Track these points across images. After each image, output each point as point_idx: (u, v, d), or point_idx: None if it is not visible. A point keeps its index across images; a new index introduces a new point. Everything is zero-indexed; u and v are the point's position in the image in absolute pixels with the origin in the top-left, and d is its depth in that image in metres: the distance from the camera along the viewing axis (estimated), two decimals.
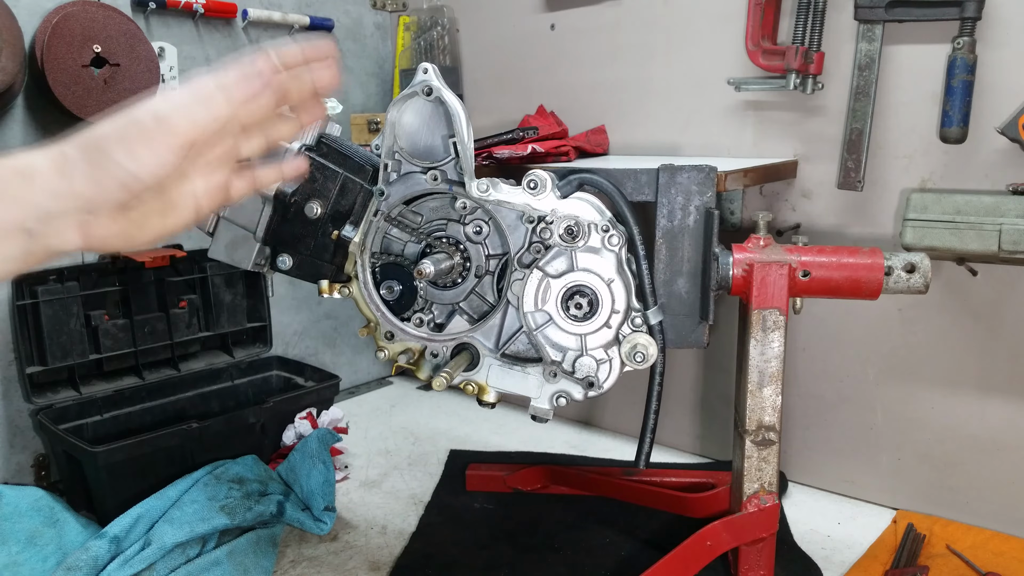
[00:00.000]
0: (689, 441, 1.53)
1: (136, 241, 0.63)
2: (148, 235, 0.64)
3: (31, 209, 0.57)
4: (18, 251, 0.58)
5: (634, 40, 1.49)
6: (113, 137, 0.59)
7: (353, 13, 1.81)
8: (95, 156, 0.59)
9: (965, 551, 1.15)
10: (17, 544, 1.11)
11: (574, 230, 0.95)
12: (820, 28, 1.24)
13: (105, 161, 0.59)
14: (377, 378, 1.98)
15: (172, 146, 0.60)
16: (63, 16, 1.25)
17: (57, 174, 0.58)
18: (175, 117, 0.60)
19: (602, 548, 1.19)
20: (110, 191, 0.59)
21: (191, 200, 0.66)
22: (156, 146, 0.59)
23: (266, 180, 0.73)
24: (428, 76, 0.94)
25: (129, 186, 0.59)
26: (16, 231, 0.57)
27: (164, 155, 0.59)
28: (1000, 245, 1.08)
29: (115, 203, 0.60)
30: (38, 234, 0.58)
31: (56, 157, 0.59)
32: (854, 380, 1.32)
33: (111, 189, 0.59)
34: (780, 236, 1.34)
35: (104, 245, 0.61)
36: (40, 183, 0.58)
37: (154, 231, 0.64)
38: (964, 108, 1.12)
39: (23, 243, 0.58)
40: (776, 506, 1.02)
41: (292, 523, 1.23)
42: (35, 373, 1.32)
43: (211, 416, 1.35)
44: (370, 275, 1.02)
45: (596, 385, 0.98)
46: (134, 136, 0.59)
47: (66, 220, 0.58)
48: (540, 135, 1.31)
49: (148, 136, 0.59)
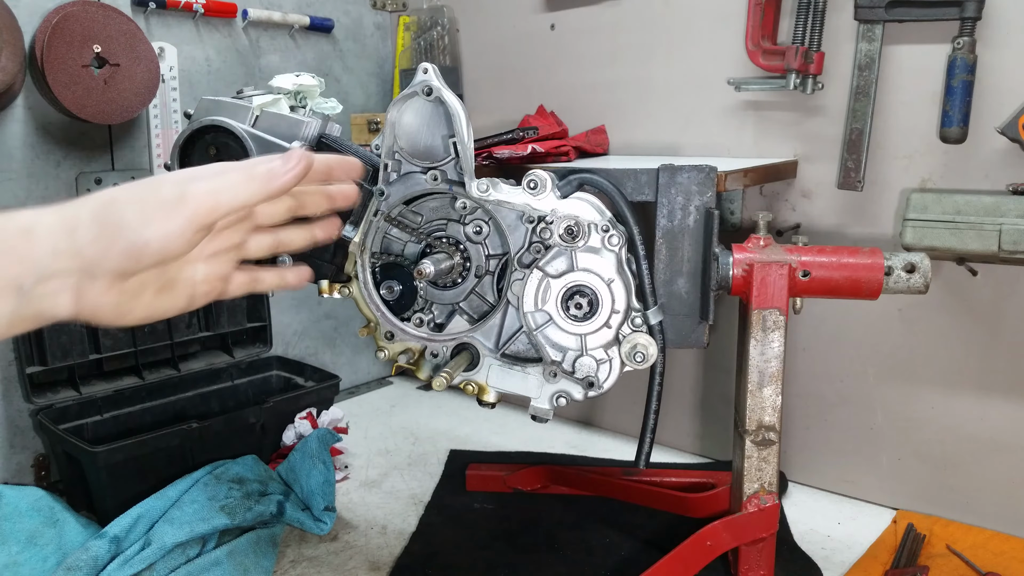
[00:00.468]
0: (689, 441, 1.53)
1: (126, 317, 0.61)
2: (139, 313, 0.62)
3: (29, 265, 0.55)
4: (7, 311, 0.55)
5: (634, 40, 1.49)
6: (130, 201, 0.58)
7: (353, 13, 1.81)
8: (107, 216, 0.57)
9: (965, 551, 1.15)
10: (17, 544, 1.11)
11: (574, 230, 0.95)
12: (820, 28, 1.24)
13: (117, 223, 0.57)
14: (377, 378, 1.98)
15: (190, 221, 0.58)
16: (63, 16, 1.25)
17: (63, 231, 0.56)
18: (199, 194, 0.59)
19: (602, 548, 1.19)
20: (114, 255, 0.57)
21: (189, 285, 0.65)
22: (174, 217, 0.58)
23: (267, 284, 0.72)
24: (428, 76, 0.94)
25: (135, 253, 0.57)
26: (9, 289, 0.55)
27: (179, 229, 0.58)
28: (1000, 245, 1.08)
29: (116, 270, 0.57)
30: (31, 295, 0.56)
31: (66, 214, 0.57)
32: (854, 380, 1.32)
33: (116, 253, 0.57)
34: (780, 236, 1.34)
35: (95, 315, 0.59)
36: (43, 240, 0.56)
37: (146, 310, 0.62)
38: (964, 108, 1.12)
39: (14, 303, 0.55)
40: (776, 506, 1.02)
41: (292, 523, 1.23)
42: (35, 373, 1.32)
43: (211, 416, 1.35)
44: (370, 275, 1.02)
45: (596, 385, 0.98)
46: (153, 204, 0.58)
47: (62, 282, 0.56)
48: (540, 135, 1.31)
49: (167, 206, 0.58)
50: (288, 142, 0.96)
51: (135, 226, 0.57)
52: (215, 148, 0.97)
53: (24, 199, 1.31)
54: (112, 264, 0.57)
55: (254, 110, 0.98)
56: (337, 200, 0.73)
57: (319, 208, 0.72)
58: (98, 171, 1.38)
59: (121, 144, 1.42)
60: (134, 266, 0.58)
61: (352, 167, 0.73)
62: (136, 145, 1.44)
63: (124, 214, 0.57)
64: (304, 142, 0.97)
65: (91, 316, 0.59)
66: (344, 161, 0.73)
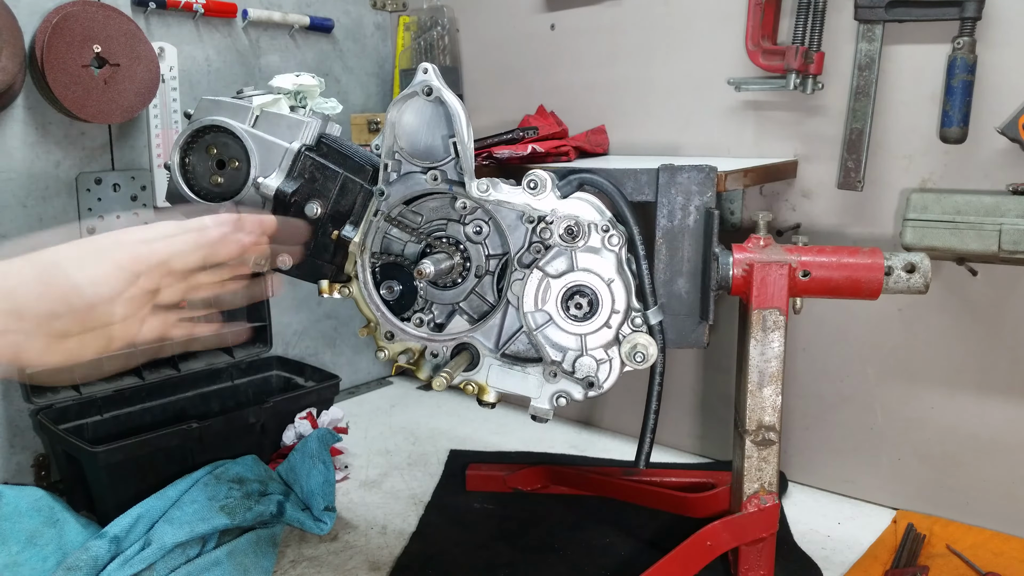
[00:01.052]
0: (689, 441, 1.53)
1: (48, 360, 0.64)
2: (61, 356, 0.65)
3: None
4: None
5: (634, 40, 1.49)
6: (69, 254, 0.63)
7: (353, 13, 1.81)
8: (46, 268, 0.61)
9: (965, 551, 1.15)
10: (17, 544, 1.11)
11: (574, 230, 0.95)
12: (820, 28, 1.24)
13: (54, 273, 0.61)
14: (377, 378, 1.98)
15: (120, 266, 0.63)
16: (63, 16, 1.25)
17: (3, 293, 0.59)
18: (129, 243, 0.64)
19: (602, 548, 1.19)
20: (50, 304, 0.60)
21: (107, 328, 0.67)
22: (104, 263, 0.62)
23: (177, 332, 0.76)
24: (428, 76, 0.94)
25: (70, 300, 0.61)
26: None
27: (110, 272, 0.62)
28: (1000, 245, 1.08)
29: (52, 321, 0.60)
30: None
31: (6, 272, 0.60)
32: (854, 380, 1.32)
33: (52, 302, 0.60)
34: (780, 236, 1.34)
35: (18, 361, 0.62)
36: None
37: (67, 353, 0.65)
38: (964, 108, 1.12)
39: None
40: (776, 506, 1.02)
41: (292, 523, 1.23)
42: (35, 373, 1.31)
43: (211, 416, 1.35)
44: (370, 275, 1.02)
45: (596, 385, 0.98)
46: (89, 253, 0.63)
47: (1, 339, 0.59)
48: (540, 135, 1.31)
49: (100, 254, 0.63)
50: (288, 142, 0.96)
51: (71, 273, 0.61)
52: (215, 148, 0.97)
53: (24, 199, 1.31)
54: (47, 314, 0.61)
55: (254, 110, 0.98)
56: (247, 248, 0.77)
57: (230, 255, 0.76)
58: (98, 171, 1.38)
59: (121, 144, 1.42)
60: (66, 311, 0.61)
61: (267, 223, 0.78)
62: (136, 145, 1.44)
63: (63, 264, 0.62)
64: (304, 142, 0.96)
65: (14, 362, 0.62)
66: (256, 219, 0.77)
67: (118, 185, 1.40)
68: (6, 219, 1.29)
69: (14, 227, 1.30)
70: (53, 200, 1.34)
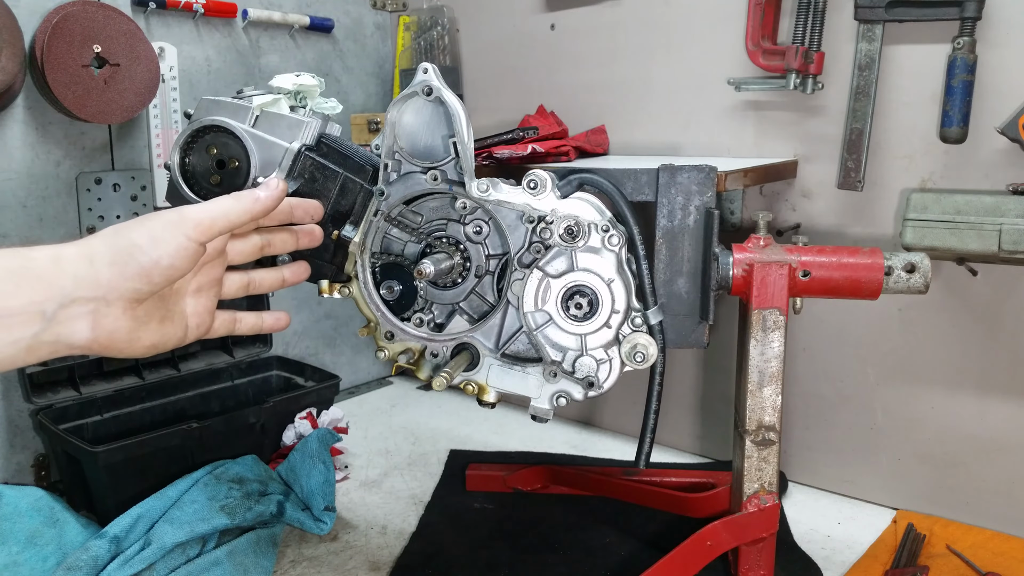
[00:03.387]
0: (689, 441, 1.53)
1: (135, 345, 0.68)
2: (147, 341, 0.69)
3: (56, 291, 0.61)
4: (29, 335, 0.61)
5: (634, 40, 1.49)
6: (137, 227, 0.66)
7: (353, 13, 1.81)
8: (119, 244, 0.65)
9: (965, 551, 1.15)
10: (17, 544, 1.11)
11: (574, 230, 0.95)
12: (820, 28, 1.24)
13: (129, 248, 0.64)
14: (377, 378, 1.98)
15: (191, 236, 0.67)
16: (63, 16, 1.25)
17: (83, 259, 0.63)
18: (195, 213, 0.68)
19: (602, 548, 1.19)
20: (129, 277, 0.64)
21: (183, 318, 0.74)
22: (176, 235, 0.66)
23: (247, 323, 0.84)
24: (428, 76, 0.94)
25: (148, 272, 0.64)
26: (35, 313, 0.60)
27: (183, 242, 0.66)
28: (1000, 245, 1.08)
29: (131, 291, 0.64)
30: (53, 320, 0.61)
31: (83, 247, 0.64)
32: (854, 380, 1.32)
33: (131, 275, 0.64)
34: (780, 236, 1.34)
35: (109, 341, 0.65)
36: (67, 267, 0.62)
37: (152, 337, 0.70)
38: (964, 108, 1.12)
39: (36, 328, 0.61)
40: (776, 506, 1.02)
41: (292, 523, 1.23)
42: (35, 373, 1.32)
43: (211, 416, 1.35)
44: (370, 275, 1.02)
45: (596, 385, 0.98)
46: (158, 227, 0.66)
47: (82, 307, 0.62)
48: (540, 135, 1.31)
49: (171, 226, 0.66)
50: (288, 142, 0.96)
51: (145, 247, 0.64)
52: (215, 148, 0.97)
53: (24, 199, 1.31)
54: (127, 286, 0.64)
55: (254, 110, 0.97)
56: (302, 239, 0.86)
57: (286, 246, 0.84)
58: (98, 171, 1.38)
59: (121, 144, 1.42)
60: (147, 286, 0.65)
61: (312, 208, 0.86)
62: (136, 145, 1.44)
63: (134, 239, 0.65)
64: (304, 142, 0.96)
65: (106, 343, 0.65)
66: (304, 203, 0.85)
67: (118, 185, 1.40)
68: (6, 219, 1.29)
69: (14, 227, 1.30)
70: (53, 200, 1.34)
